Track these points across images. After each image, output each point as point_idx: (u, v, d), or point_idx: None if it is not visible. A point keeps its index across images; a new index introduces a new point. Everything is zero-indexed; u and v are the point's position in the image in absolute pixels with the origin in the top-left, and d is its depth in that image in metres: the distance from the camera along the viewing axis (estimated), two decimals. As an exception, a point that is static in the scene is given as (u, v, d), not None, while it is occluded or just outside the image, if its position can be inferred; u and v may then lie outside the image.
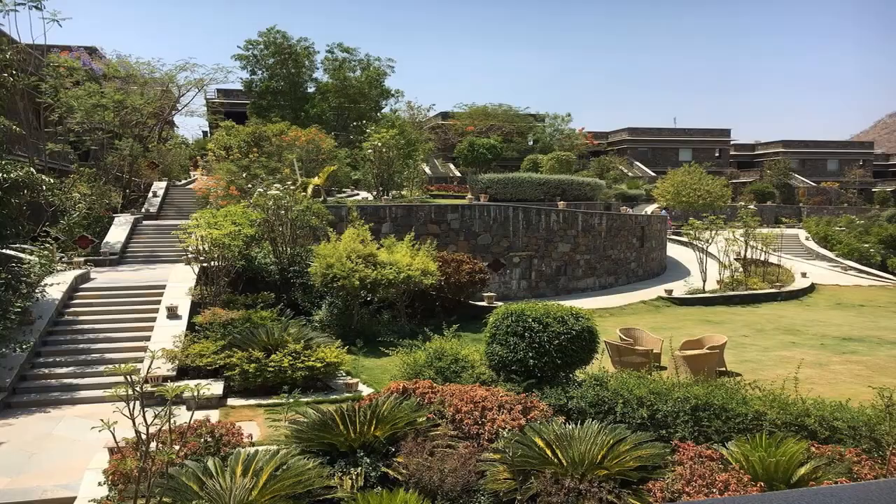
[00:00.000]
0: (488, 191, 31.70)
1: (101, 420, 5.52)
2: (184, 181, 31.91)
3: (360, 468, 6.75)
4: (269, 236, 17.77)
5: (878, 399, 7.59)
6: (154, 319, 13.51)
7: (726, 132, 69.38)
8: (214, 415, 9.85)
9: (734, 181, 61.18)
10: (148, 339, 12.63)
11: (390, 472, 6.78)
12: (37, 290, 13.45)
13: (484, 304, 18.44)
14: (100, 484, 6.77)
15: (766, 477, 6.33)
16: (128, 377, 5.56)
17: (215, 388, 10.69)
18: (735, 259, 26.69)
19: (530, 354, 9.23)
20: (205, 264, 15.19)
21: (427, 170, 45.05)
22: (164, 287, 15.10)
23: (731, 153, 72.40)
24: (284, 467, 6.38)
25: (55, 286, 14.24)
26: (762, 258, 27.40)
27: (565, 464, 6.56)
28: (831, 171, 70.54)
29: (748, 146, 76.81)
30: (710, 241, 24.87)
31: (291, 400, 9.65)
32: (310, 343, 11.95)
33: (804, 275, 28.50)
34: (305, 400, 10.08)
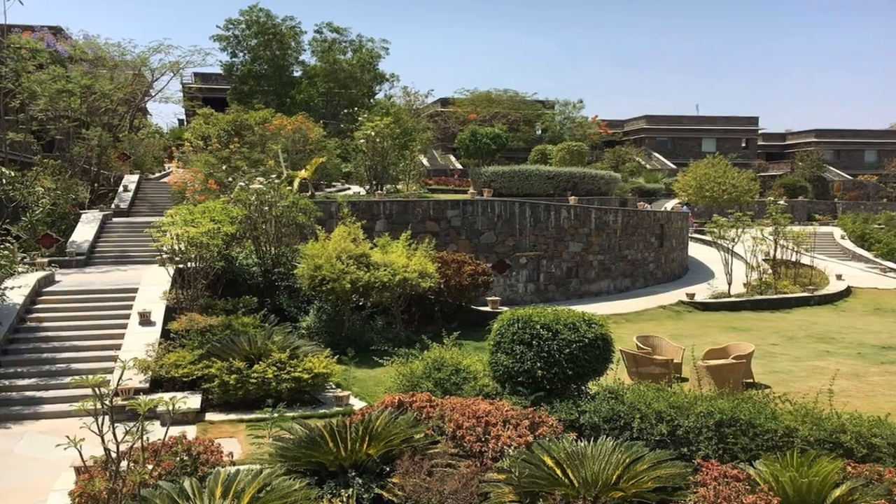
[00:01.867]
0: (492, 185, 31.70)
1: (67, 437, 5.53)
2: (158, 174, 31.92)
3: (351, 489, 6.76)
4: (252, 235, 17.78)
5: (920, 414, 7.59)
6: (125, 326, 13.51)
7: (754, 120, 69.37)
8: (191, 431, 9.85)
9: (762, 174, 61.20)
10: (118, 347, 12.63)
11: (384, 493, 6.79)
12: (-4, 294, 13.44)
13: (487, 309, 18.45)
14: (65, 507, 6.77)
15: (797, 499, 6.34)
16: (96, 389, 5.57)
17: (192, 401, 10.70)
18: (763, 260, 26.70)
19: (538, 365, 9.23)
20: (181, 266, 15.20)
21: (425, 162, 45.06)
22: (136, 290, 15.11)
23: (760, 143, 72.39)
24: (268, 489, 6.39)
25: (16, 290, 14.24)
26: (793, 259, 27.40)
27: (577, 485, 6.56)
28: (869, 163, 70.53)
29: (778, 136, 76.85)
30: (735, 240, 24.85)
31: (276, 414, 9.66)
32: (296, 352, 11.96)
33: (839, 277, 28.50)
34: (291, 414, 10.10)
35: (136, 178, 28.29)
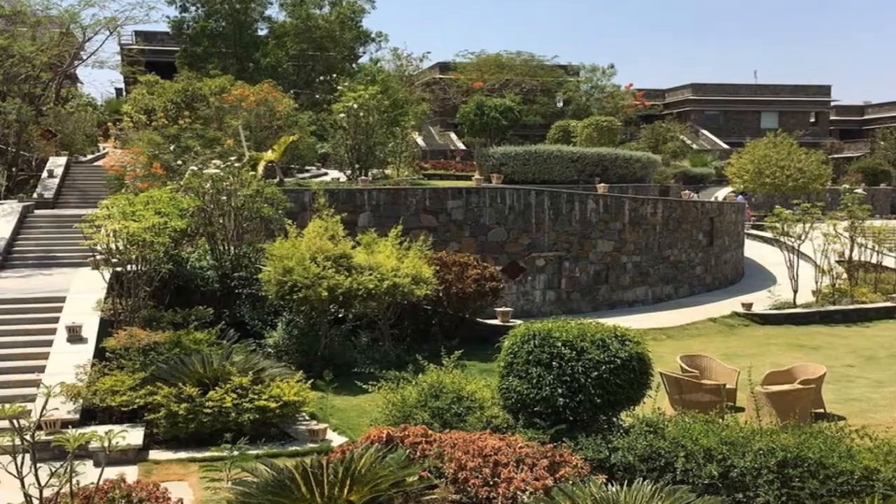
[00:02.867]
0: (502, 169, 31.74)
1: (-21, 480, 5.53)
2: (90, 156, 31.96)
3: (328, 545, 6.76)
4: (207, 231, 17.81)
5: None
6: (50, 343, 13.52)
7: (825, 90, 69.39)
8: (132, 472, 9.86)
9: (836, 156, 61.24)
10: (42, 369, 12.63)
11: (370, 550, 6.79)
12: None
13: (497, 322, 18.47)
14: (-24, 566, 6.78)
15: (878, 557, 6.34)
16: (14, 422, 5.57)
17: (133, 436, 10.69)
18: (837, 262, 26.68)
19: (559, 391, 9.23)
20: (119, 269, 15.22)
21: (420, 141, 45.08)
22: (63, 300, 15.13)
23: (832, 118, 72.43)
24: (227, 544, 6.39)
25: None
26: (874, 260, 27.39)
27: (607, 539, 6.56)
28: (968, 143, 70.53)
29: (855, 109, 76.91)
30: (803, 237, 24.84)
31: (236, 452, 9.66)
32: (261, 375, 11.97)
33: (931, 283, 28.49)
34: (255, 452, 10.10)
35: (63, 160, 28.29)
